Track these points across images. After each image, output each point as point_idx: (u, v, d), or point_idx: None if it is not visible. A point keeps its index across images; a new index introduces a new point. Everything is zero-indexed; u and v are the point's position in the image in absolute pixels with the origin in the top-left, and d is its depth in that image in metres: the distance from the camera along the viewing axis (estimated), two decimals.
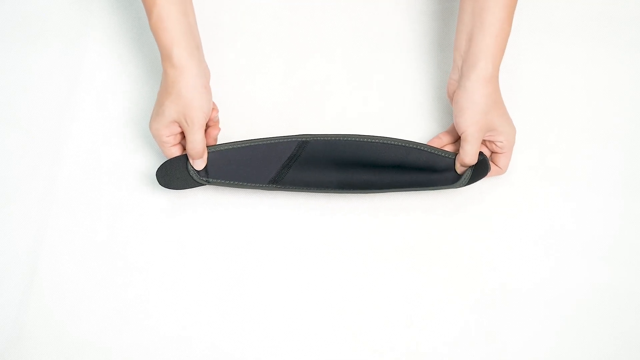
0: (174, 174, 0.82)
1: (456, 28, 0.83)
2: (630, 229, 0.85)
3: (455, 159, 0.82)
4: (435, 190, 0.85)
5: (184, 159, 0.82)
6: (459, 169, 0.82)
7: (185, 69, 0.78)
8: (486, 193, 0.86)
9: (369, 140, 0.82)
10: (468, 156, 0.81)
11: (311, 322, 0.82)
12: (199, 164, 0.81)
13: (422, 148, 0.82)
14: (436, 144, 0.85)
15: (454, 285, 0.83)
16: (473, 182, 0.83)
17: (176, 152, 0.83)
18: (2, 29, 0.92)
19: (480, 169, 0.82)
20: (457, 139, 0.85)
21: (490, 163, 0.83)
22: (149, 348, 0.80)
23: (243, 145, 0.82)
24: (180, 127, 0.81)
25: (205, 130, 0.83)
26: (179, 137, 0.83)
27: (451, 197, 0.86)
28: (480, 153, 0.82)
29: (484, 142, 0.83)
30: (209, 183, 0.82)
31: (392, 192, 0.85)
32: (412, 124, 0.89)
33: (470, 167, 0.82)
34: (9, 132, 0.88)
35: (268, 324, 0.82)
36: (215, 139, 0.84)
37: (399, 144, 0.82)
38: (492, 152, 0.84)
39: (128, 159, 0.87)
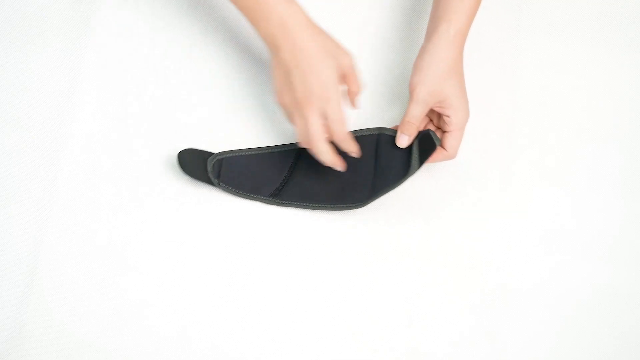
0: (195, 162, 0.84)
1: None
2: (630, 229, 0.85)
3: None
4: (435, 189, 0.85)
5: (206, 154, 0.84)
6: (399, 138, 0.80)
7: (309, 28, 0.75)
8: (486, 193, 0.86)
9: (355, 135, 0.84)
10: (409, 116, 0.79)
11: (311, 322, 0.82)
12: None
13: (384, 132, 0.83)
14: None
15: (454, 285, 0.83)
16: (424, 162, 0.80)
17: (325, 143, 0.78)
18: (2, 29, 0.92)
19: (426, 143, 0.79)
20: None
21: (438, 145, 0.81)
22: (149, 348, 0.80)
23: (251, 153, 0.85)
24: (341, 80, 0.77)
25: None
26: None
27: (451, 196, 0.86)
28: (429, 130, 0.80)
29: (434, 116, 0.82)
30: (218, 186, 0.84)
31: (390, 193, 0.84)
32: None
33: (417, 148, 0.80)
34: (9, 132, 0.88)
35: (268, 324, 0.82)
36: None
37: (370, 132, 0.83)
38: (443, 132, 0.81)
39: (128, 159, 0.87)
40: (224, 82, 0.90)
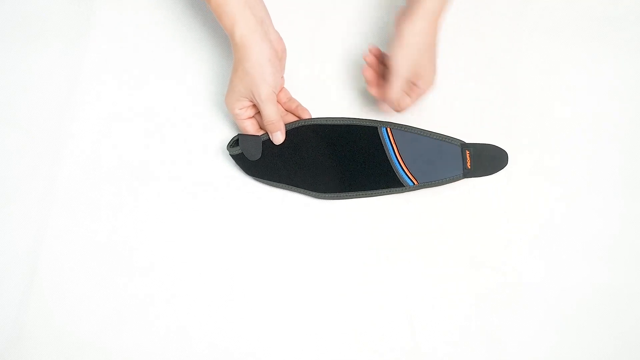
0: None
1: None
2: (630, 229, 0.85)
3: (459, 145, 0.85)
4: (435, 189, 0.85)
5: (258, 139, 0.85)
6: (386, 104, 0.85)
7: (247, 47, 0.80)
8: (486, 192, 0.86)
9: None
10: (393, 91, 0.82)
11: (311, 322, 0.82)
12: (277, 137, 0.84)
13: (426, 134, 0.86)
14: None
15: (454, 284, 0.83)
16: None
17: (249, 125, 0.85)
18: (2, 29, 0.92)
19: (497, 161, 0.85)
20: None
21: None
22: (149, 348, 0.80)
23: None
24: (251, 101, 0.83)
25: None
26: (251, 111, 0.85)
27: (451, 196, 0.86)
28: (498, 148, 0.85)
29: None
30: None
31: (391, 192, 0.85)
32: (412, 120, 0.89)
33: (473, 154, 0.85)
34: (9, 132, 0.88)
35: (268, 324, 0.82)
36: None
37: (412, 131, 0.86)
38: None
39: (128, 159, 0.87)
40: (223, 81, 0.90)
